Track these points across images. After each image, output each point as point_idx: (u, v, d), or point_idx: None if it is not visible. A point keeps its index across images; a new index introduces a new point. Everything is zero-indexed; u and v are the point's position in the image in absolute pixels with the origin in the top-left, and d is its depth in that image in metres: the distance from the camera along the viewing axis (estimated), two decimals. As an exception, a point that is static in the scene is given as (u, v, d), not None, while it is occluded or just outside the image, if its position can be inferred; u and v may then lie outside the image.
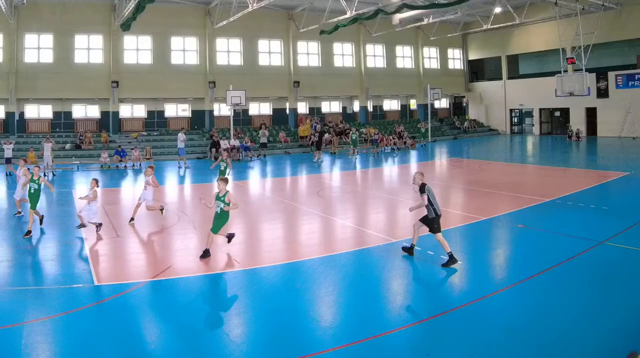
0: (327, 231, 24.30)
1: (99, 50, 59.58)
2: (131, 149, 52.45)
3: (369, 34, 72.65)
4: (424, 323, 13.32)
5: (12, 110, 56.35)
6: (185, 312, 14.37)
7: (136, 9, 45.16)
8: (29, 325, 13.22)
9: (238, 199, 27.67)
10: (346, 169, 47.38)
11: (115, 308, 14.57)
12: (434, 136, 72.74)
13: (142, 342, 12.57)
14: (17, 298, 15.13)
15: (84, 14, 57.43)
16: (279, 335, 12.85)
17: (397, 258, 18.72)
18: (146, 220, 25.65)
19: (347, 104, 77.09)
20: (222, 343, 12.51)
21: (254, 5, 48.94)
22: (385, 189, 36.17)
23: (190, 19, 62.67)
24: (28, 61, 56.51)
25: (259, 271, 17.80)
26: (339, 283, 16.69)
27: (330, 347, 11.98)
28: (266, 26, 66.55)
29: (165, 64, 62.36)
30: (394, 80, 76.64)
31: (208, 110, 65.12)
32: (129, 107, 63.51)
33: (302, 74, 69.50)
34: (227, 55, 66.27)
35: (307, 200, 32.27)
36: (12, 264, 18.61)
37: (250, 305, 14.90)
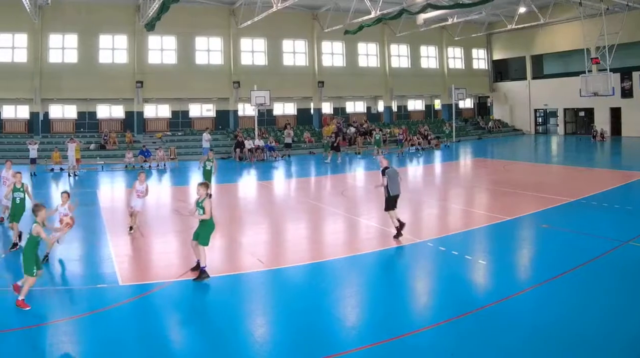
0: (351, 231, 24.00)
1: (123, 50, 58.55)
2: (155, 149, 51.40)
3: (393, 34, 70.75)
4: (448, 323, 13.05)
5: (36, 110, 55.30)
6: (209, 312, 14.50)
7: (160, 9, 44.22)
8: (54, 325, 13.18)
9: (263, 199, 30.58)
10: (370, 169, 45.57)
11: (140, 308, 14.55)
12: (458, 136, 70.83)
13: (167, 342, 12.51)
14: (43, 298, 14.96)
15: (108, 14, 56.54)
16: (303, 335, 12.71)
17: (422, 258, 18.81)
18: (171, 220, 25.58)
19: (371, 104, 75.23)
20: (246, 343, 12.34)
21: (278, 5, 47.66)
22: (409, 189, 34.33)
23: (214, 19, 61.39)
24: (52, 61, 55.46)
25: (283, 271, 17.64)
26: (363, 283, 16.64)
27: (355, 347, 11.83)
28: (290, 26, 65.18)
29: (190, 64, 61.22)
30: (418, 80, 74.72)
31: (232, 110, 63.82)
32: (153, 107, 62.22)
33: (327, 74, 67.87)
34: (251, 55, 64.80)
35: (331, 200, 31.58)
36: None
37: (274, 305, 14.83)
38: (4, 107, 56.23)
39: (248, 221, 26.17)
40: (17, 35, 54.45)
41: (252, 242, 21.76)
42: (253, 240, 22.30)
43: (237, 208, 30.39)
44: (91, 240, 21.71)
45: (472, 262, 18.05)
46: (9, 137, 54.37)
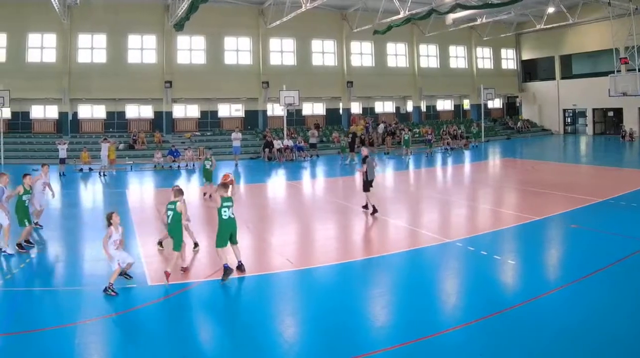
0: (380, 231, 23.57)
1: (152, 50, 57.42)
2: (184, 149, 50.19)
3: (422, 34, 67.93)
4: (477, 323, 12.74)
5: (65, 110, 54.18)
6: (238, 312, 14.23)
7: (189, 9, 43.50)
8: (83, 325, 12.89)
9: (292, 199, 30.46)
10: (399, 168, 45.25)
11: (169, 308, 14.33)
12: (487, 136, 68.41)
13: (196, 342, 12.27)
14: (71, 298, 14.81)
15: (137, 14, 55.51)
16: (332, 335, 12.38)
17: (451, 258, 18.37)
18: (199, 219, 24.46)
19: (400, 103, 72.64)
20: (275, 343, 12.05)
21: (307, 5, 46.40)
22: (438, 189, 35.19)
23: (243, 19, 60.02)
24: (81, 61, 54.47)
25: (312, 271, 17.28)
26: (391, 283, 16.31)
27: (383, 347, 11.58)
28: (319, 26, 63.58)
29: (219, 64, 59.74)
30: (447, 80, 72.59)
31: (261, 110, 62.43)
32: (182, 107, 60.79)
33: (356, 74, 65.91)
34: (280, 55, 63.17)
35: (360, 200, 29.43)
36: (66, 264, 18.44)
37: (303, 305, 14.59)
38: (33, 106, 55.06)
39: (277, 221, 25.64)
40: (46, 35, 53.54)
41: (281, 242, 21.28)
42: (282, 240, 21.83)
43: (266, 208, 29.70)
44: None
45: (500, 262, 17.73)
46: (38, 137, 53.41)
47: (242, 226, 22.31)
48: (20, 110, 54.35)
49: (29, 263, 18.03)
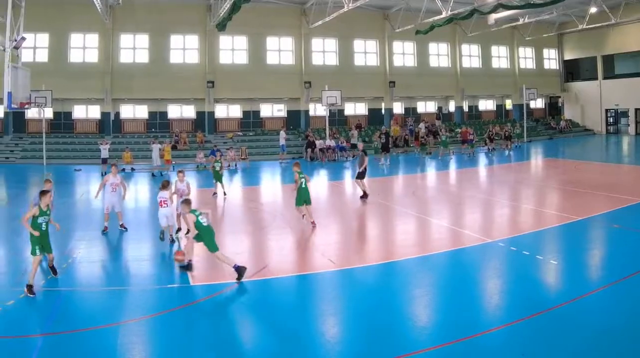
0: (422, 231, 22.81)
1: (194, 50, 55.77)
2: (227, 149, 48.55)
3: (464, 33, 65.25)
4: (519, 323, 12.28)
5: (107, 110, 52.77)
6: (280, 312, 13.57)
7: (231, 9, 42.41)
8: (125, 325, 12.54)
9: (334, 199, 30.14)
10: (441, 169, 43.68)
11: (211, 308, 13.95)
12: (529, 136, 65.02)
13: (238, 342, 12.05)
14: (113, 299, 14.49)
15: (180, 14, 54.09)
16: (374, 335, 11.95)
17: (493, 258, 17.77)
18: (241, 220, 25.02)
19: (442, 103, 69.56)
20: (317, 343, 11.67)
21: (349, 5, 44.43)
22: (481, 189, 34.05)
23: (285, 19, 57.90)
24: (123, 61, 53.12)
25: (354, 271, 16.75)
26: (434, 283, 15.78)
27: (426, 347, 11.21)
28: (362, 26, 60.80)
29: (261, 64, 57.71)
30: (489, 80, 69.12)
31: (303, 110, 60.07)
32: (224, 107, 58.97)
33: (398, 74, 62.82)
34: (322, 55, 60.67)
35: (402, 201, 29.94)
36: (107, 264, 17.97)
37: (345, 305, 14.11)
38: (75, 107, 53.97)
39: (319, 221, 23.61)
40: (89, 35, 52.28)
41: (323, 242, 20.41)
42: (324, 240, 20.90)
43: (308, 208, 27.41)
44: (164, 240, 20.01)
45: (543, 262, 17.03)
46: (80, 137, 52.08)
47: (284, 226, 22.96)
48: (63, 111, 53.03)
49: (73, 262, 17.48)
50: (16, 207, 26.60)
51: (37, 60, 49.80)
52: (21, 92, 34.87)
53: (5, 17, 33.26)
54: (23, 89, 35.35)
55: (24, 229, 16.00)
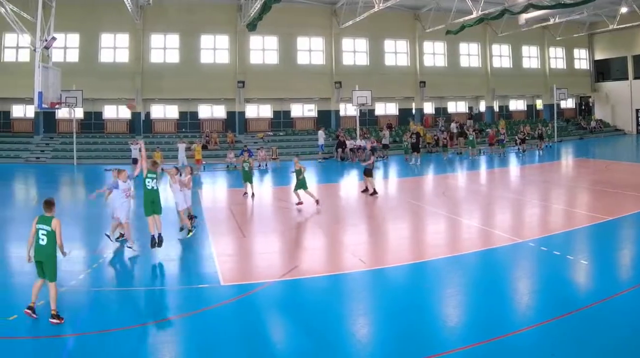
0: (452, 231, 22.24)
1: (224, 50, 54.20)
2: (257, 149, 46.69)
3: (495, 33, 62.90)
4: (549, 323, 11.95)
5: (137, 110, 51.02)
6: (310, 312, 13.21)
7: (262, 9, 41.15)
8: (156, 325, 12.31)
9: (364, 199, 29.12)
10: (472, 169, 42.86)
11: (242, 308, 13.56)
12: (559, 136, 63.23)
13: (269, 342, 11.70)
14: (144, 299, 14.41)
15: (210, 14, 52.75)
16: (405, 335, 11.70)
17: (523, 258, 17.39)
18: (272, 220, 24.74)
19: (473, 103, 67.76)
20: (348, 343, 11.50)
21: (380, 5, 42.92)
22: (511, 189, 33.22)
23: (316, 19, 55.94)
24: (154, 61, 51.87)
25: (385, 271, 16.37)
26: (464, 283, 15.34)
27: (456, 347, 10.93)
28: (392, 26, 58.38)
29: (291, 64, 55.99)
30: (520, 81, 66.25)
31: (334, 110, 58.00)
32: (255, 107, 57.34)
33: (428, 74, 60.56)
34: (353, 55, 58.54)
35: (432, 200, 29.39)
36: (137, 264, 17.60)
37: (376, 305, 13.82)
38: (106, 107, 52.83)
39: (349, 221, 24.06)
40: (119, 35, 51.25)
41: (354, 242, 20.14)
42: (355, 240, 20.65)
43: (339, 208, 28.02)
44: (193, 240, 20.00)
45: (573, 262, 16.73)
46: (111, 137, 50.94)
47: (314, 226, 22.90)
48: (93, 110, 52.01)
49: (103, 262, 17.14)
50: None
51: (68, 60, 48.76)
52: (52, 92, 34.67)
53: (35, 17, 33.16)
54: (53, 89, 35.20)
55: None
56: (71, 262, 15.98)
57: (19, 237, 19.53)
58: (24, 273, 15.37)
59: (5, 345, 11.13)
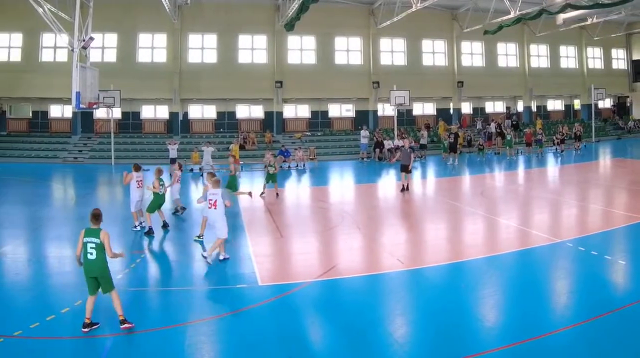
0: (490, 231, 21.53)
1: (262, 50, 52.20)
2: (295, 149, 45.57)
3: (533, 33, 60.21)
4: (587, 323, 11.57)
5: (175, 110, 49.79)
6: (349, 312, 12.72)
7: (300, 9, 39.83)
8: (194, 325, 11.90)
9: (402, 200, 28.59)
10: (509, 169, 41.52)
11: (280, 308, 13.10)
12: (597, 136, 60.17)
13: (306, 341, 11.32)
14: (182, 299, 13.73)
15: (248, 14, 50.83)
16: (442, 335, 11.29)
17: (561, 258, 16.76)
18: (310, 220, 24.13)
19: (510, 103, 64.83)
20: (386, 343, 11.01)
21: (417, 5, 41.23)
22: (549, 189, 31.72)
23: (354, 19, 53.58)
24: (192, 61, 50.13)
25: (423, 271, 15.87)
26: (501, 283, 14.96)
27: (494, 347, 10.60)
28: (430, 26, 55.99)
29: (329, 64, 53.72)
30: (557, 80, 63.19)
31: (372, 110, 55.51)
32: (292, 107, 55.02)
33: (466, 74, 57.89)
34: (390, 55, 55.94)
35: (469, 200, 28.35)
36: (175, 264, 17.22)
37: (413, 305, 13.36)
38: (143, 107, 51.02)
39: (387, 221, 23.65)
40: (157, 35, 49.57)
41: (392, 242, 19.47)
42: (392, 240, 19.96)
43: (377, 208, 27.18)
44: (231, 240, 18.52)
45: (611, 262, 15.95)
46: (149, 137, 49.00)
47: (352, 226, 21.81)
48: (131, 110, 50.15)
49: (140, 262, 16.73)
50: (84, 207, 24.80)
51: (106, 60, 47.29)
52: (89, 92, 33.90)
53: (73, 17, 32.06)
54: (91, 89, 34.47)
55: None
56: (109, 262, 14.88)
57: (57, 238, 19.92)
58: (62, 274, 15.55)
59: (44, 346, 10.74)
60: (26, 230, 21.56)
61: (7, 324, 11.50)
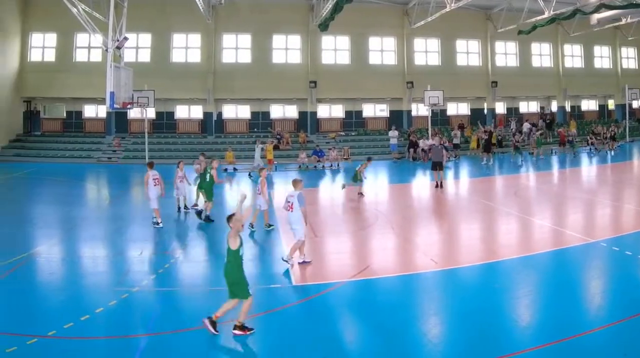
0: (524, 231, 20.56)
1: (296, 50, 50.53)
2: (329, 149, 43.82)
3: (566, 33, 57.43)
4: (621, 323, 11.03)
5: (210, 110, 48.09)
6: (383, 312, 12.13)
7: (334, 9, 38.63)
8: (228, 325, 11.03)
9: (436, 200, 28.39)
10: (542, 169, 39.92)
11: (314, 308, 12.59)
12: (631, 136, 57.24)
13: (340, 341, 10.88)
14: (216, 299, 12.09)
15: (282, 14, 49.07)
16: (476, 335, 10.80)
17: (595, 258, 16.15)
18: (343, 220, 23.47)
19: (544, 103, 62.06)
20: (420, 343, 10.63)
21: (452, 5, 39.77)
22: (582, 189, 30.85)
23: (388, 19, 51.54)
24: (226, 61, 48.55)
25: (457, 271, 15.19)
26: (535, 283, 14.14)
27: (529, 347, 10.11)
28: (464, 26, 53.77)
29: (363, 64, 51.74)
30: (591, 80, 60.72)
31: (406, 110, 53.41)
32: (326, 107, 53.04)
33: (500, 74, 55.54)
34: (424, 55, 53.80)
35: (504, 201, 27.56)
36: (209, 264, 16.46)
37: (447, 305, 12.62)
38: (177, 107, 49.47)
39: (421, 221, 23.08)
40: (191, 35, 48.08)
41: (425, 242, 18.90)
42: (426, 240, 19.38)
43: (411, 208, 26.59)
44: (265, 240, 18.92)
45: None
46: (183, 137, 47.35)
47: (386, 226, 21.02)
48: (165, 110, 48.56)
49: (175, 262, 16.12)
50: (118, 207, 24.97)
51: (140, 60, 45.77)
52: (124, 92, 32.61)
53: (107, 17, 31.28)
54: (125, 89, 33.19)
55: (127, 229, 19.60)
56: (143, 262, 15.99)
57: (91, 238, 19.40)
58: (96, 274, 15.17)
59: (78, 346, 10.35)
60: (60, 230, 20.90)
61: (42, 324, 11.07)
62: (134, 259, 15.89)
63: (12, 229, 20.56)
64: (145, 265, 15.74)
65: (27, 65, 46.37)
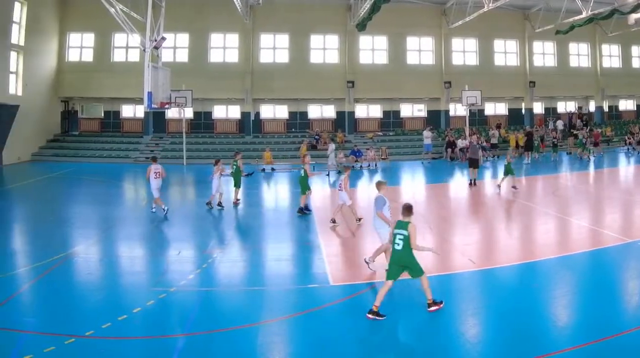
0: (562, 231, 19.73)
1: (334, 50, 48.33)
2: (366, 149, 41.89)
3: (604, 33, 54.59)
4: None
5: (247, 110, 46.11)
6: (420, 313, 11.61)
7: (371, 9, 37.84)
8: (265, 325, 11.13)
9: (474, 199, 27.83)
10: (581, 169, 38.74)
11: (351, 308, 12.07)
12: (668, 137, 53.54)
13: (377, 341, 10.53)
14: (254, 299, 12.74)
15: (319, 14, 47.08)
16: (514, 335, 10.48)
17: (632, 258, 15.34)
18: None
19: (582, 103, 58.97)
20: (457, 343, 10.28)
21: (489, 5, 38.16)
22: (620, 189, 29.98)
23: (425, 19, 49.23)
24: (263, 61, 46.59)
25: (495, 271, 14.60)
26: (573, 283, 13.65)
27: (566, 347, 9.78)
28: (501, 26, 51.20)
29: (401, 64, 49.40)
30: (630, 80, 57.77)
31: (443, 110, 51.04)
32: (364, 107, 50.84)
33: (538, 74, 52.94)
34: (462, 55, 51.42)
35: (542, 200, 26.35)
36: (247, 264, 15.98)
37: (485, 305, 12.21)
38: (215, 107, 47.73)
39: (459, 221, 21.97)
40: (229, 35, 46.36)
41: (463, 242, 17.89)
42: (464, 240, 18.33)
43: (448, 208, 25.79)
44: (303, 240, 18.39)
45: None
46: (220, 137, 45.56)
47: (423, 226, 19.81)
48: (203, 110, 46.65)
49: (212, 262, 15.57)
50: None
51: (178, 60, 44.14)
52: (161, 92, 31.59)
53: (145, 17, 30.52)
54: (163, 89, 32.06)
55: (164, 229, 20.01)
56: (181, 262, 15.68)
57: (129, 237, 19.02)
58: (134, 274, 14.80)
59: (115, 345, 10.13)
60: (98, 230, 20.38)
61: (79, 324, 10.83)
62: (171, 259, 15.85)
63: (50, 229, 19.97)
64: (183, 264, 15.41)
65: (65, 65, 44.72)
